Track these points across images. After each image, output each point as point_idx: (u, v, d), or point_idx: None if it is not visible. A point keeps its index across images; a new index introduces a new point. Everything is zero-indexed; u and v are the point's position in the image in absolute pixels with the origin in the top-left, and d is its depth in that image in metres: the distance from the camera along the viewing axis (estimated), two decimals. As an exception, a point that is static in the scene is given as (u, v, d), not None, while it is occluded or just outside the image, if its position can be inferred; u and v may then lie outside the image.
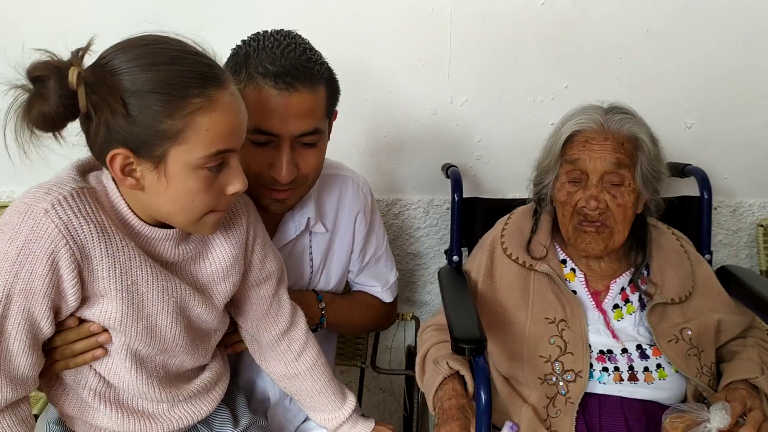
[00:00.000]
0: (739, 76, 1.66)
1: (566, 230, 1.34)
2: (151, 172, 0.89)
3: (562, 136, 1.32)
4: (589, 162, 1.29)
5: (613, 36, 1.64)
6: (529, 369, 1.28)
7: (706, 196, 1.55)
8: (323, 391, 1.21)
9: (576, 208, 1.30)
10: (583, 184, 1.30)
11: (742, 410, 1.16)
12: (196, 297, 1.03)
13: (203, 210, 0.94)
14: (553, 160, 1.34)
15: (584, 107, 1.37)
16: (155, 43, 0.88)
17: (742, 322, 1.36)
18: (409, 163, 1.75)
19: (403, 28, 1.62)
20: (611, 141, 1.29)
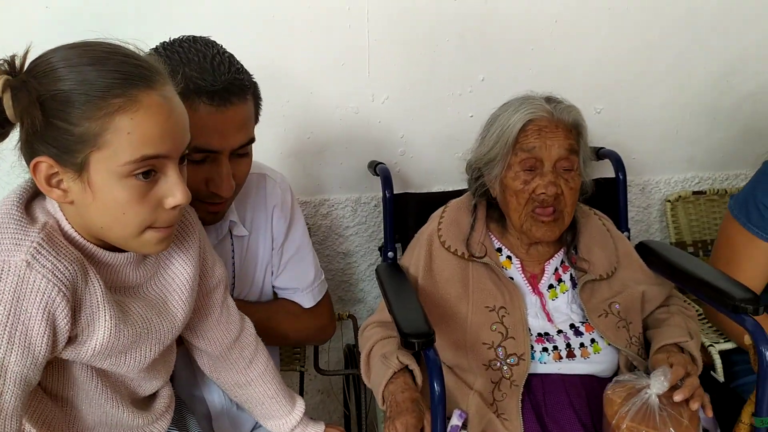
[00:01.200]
0: (638, 61, 1.76)
1: (518, 218, 1.35)
2: (76, 182, 0.83)
3: (514, 126, 1.32)
4: (544, 150, 1.31)
5: (524, 28, 1.70)
6: (474, 356, 1.32)
7: (621, 176, 1.63)
8: (275, 396, 1.19)
9: (532, 195, 1.32)
10: (538, 171, 1.32)
11: (684, 373, 1.22)
12: (161, 318, 0.99)
13: (139, 225, 0.87)
14: (503, 150, 1.34)
15: (524, 98, 1.39)
16: (84, 46, 0.83)
17: (663, 292, 1.45)
18: (334, 162, 1.75)
19: (321, 28, 1.61)
20: (561, 129, 1.34)
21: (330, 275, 1.85)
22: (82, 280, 0.85)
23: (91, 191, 0.83)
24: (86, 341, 0.89)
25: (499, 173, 1.36)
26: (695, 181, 1.91)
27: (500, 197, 1.39)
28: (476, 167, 1.42)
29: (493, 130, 1.38)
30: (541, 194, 1.32)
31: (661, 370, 1.20)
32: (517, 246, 1.43)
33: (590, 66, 1.76)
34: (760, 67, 1.78)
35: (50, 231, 0.84)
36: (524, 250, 1.43)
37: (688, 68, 1.78)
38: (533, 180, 1.33)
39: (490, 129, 1.39)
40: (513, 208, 1.36)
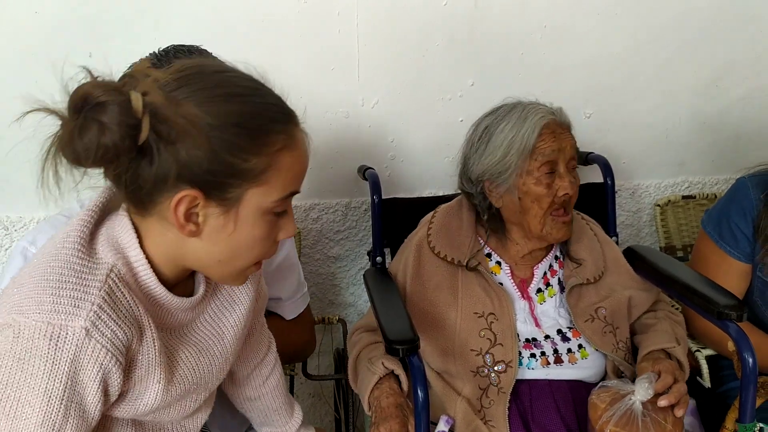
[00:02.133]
0: (627, 66, 1.77)
1: (539, 223, 1.34)
2: (218, 217, 0.78)
3: (531, 133, 1.31)
4: (560, 151, 1.32)
5: (514, 33, 1.70)
6: (462, 363, 1.32)
7: (609, 181, 1.63)
8: (279, 408, 1.18)
9: (556, 197, 1.32)
10: (555, 174, 1.33)
11: (672, 381, 1.22)
12: (212, 359, 0.94)
13: (255, 258, 0.84)
14: (519, 159, 1.32)
15: (518, 105, 1.38)
16: (224, 71, 0.80)
17: (650, 297, 1.45)
18: (324, 167, 1.75)
19: (311, 32, 1.61)
20: (566, 129, 1.36)
21: (320, 279, 1.86)
22: (138, 340, 0.80)
23: (233, 227, 0.79)
24: (136, 399, 0.85)
25: (515, 182, 1.33)
26: (685, 185, 1.91)
27: (514, 206, 1.35)
28: (479, 180, 1.38)
29: (499, 140, 1.34)
30: (564, 195, 1.32)
31: (647, 376, 1.21)
32: (514, 251, 1.43)
33: (579, 71, 1.76)
34: (748, 72, 1.79)
35: (113, 284, 0.78)
36: (521, 255, 1.42)
37: (676, 73, 1.79)
38: (554, 182, 1.33)
39: (492, 140, 1.36)
40: (533, 213, 1.34)
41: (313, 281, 1.85)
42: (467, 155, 1.42)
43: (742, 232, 1.41)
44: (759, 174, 1.43)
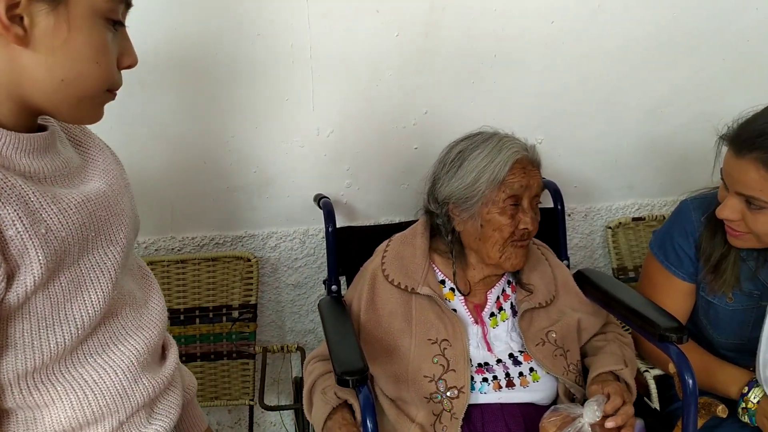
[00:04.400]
0: (576, 93, 1.82)
1: (498, 250, 1.38)
2: (47, 16, 0.70)
3: (504, 165, 1.34)
4: (526, 188, 1.36)
5: (465, 62, 1.74)
6: (415, 389, 1.33)
7: (560, 207, 1.68)
8: None
9: (517, 229, 1.36)
10: (519, 207, 1.37)
11: (621, 403, 1.25)
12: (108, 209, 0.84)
13: (106, 80, 0.77)
14: (488, 188, 1.35)
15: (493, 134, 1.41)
16: None
17: (599, 320, 1.49)
18: (280, 196, 1.77)
19: (264, 64, 1.64)
20: (536, 167, 1.40)
21: (280, 307, 1.86)
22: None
23: (67, 29, 0.71)
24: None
25: (478, 210, 1.37)
26: (635, 207, 1.96)
27: (474, 232, 1.39)
28: (445, 202, 1.42)
29: (471, 166, 1.37)
30: (523, 229, 1.36)
31: (595, 399, 1.24)
32: (471, 276, 1.45)
33: (530, 98, 1.81)
34: (691, 98, 1.85)
35: None
36: (476, 280, 1.45)
37: (623, 100, 1.84)
38: (517, 215, 1.37)
39: (464, 165, 1.39)
40: (493, 241, 1.37)
41: (273, 309, 1.86)
42: (438, 175, 1.44)
43: (685, 252, 1.45)
44: (700, 197, 1.48)
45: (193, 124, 1.64)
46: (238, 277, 1.73)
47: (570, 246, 1.95)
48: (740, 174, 1.26)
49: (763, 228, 1.27)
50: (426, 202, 1.47)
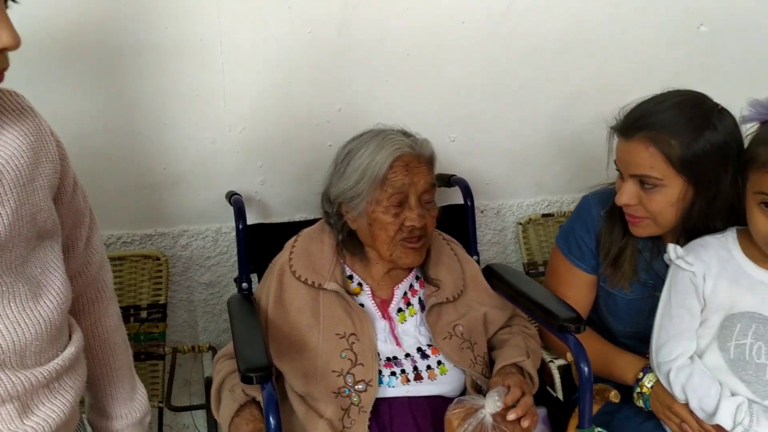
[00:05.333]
0: (487, 93, 1.86)
1: (387, 249, 1.39)
2: None
3: (383, 164, 1.35)
4: (411, 185, 1.37)
5: (378, 60, 1.75)
6: (323, 385, 1.34)
7: (470, 203, 1.71)
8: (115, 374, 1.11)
9: (402, 227, 1.37)
10: (405, 205, 1.37)
11: (520, 394, 1.29)
12: None
13: None
14: (371, 187, 1.36)
15: (382, 133, 1.42)
16: None
17: (505, 313, 1.53)
18: (192, 193, 1.74)
19: (172, 59, 1.60)
20: (423, 163, 1.40)
21: (192, 306, 1.83)
22: None
23: None
24: None
25: (365, 208, 1.38)
26: (545, 204, 2.02)
27: (366, 230, 1.40)
28: (336, 202, 1.43)
29: (355, 165, 1.38)
30: (410, 226, 1.37)
31: (496, 390, 1.27)
32: (375, 272, 1.47)
33: (443, 97, 1.83)
34: (598, 97, 1.91)
35: None
36: (380, 276, 1.47)
37: (532, 99, 1.89)
38: (402, 213, 1.37)
39: (350, 164, 1.40)
40: (381, 240, 1.39)
41: (185, 309, 1.82)
42: (331, 176, 1.45)
43: (587, 245, 1.51)
44: (600, 191, 1.54)
45: (97, 118, 1.59)
46: (146, 277, 1.69)
47: (483, 242, 2.00)
48: (631, 155, 1.33)
49: (658, 207, 1.34)
50: (321, 202, 1.48)
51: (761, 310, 1.24)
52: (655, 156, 1.31)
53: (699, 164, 1.29)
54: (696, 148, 1.28)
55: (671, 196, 1.33)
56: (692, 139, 1.28)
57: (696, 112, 1.31)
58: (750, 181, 1.22)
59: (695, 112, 1.31)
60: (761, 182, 1.18)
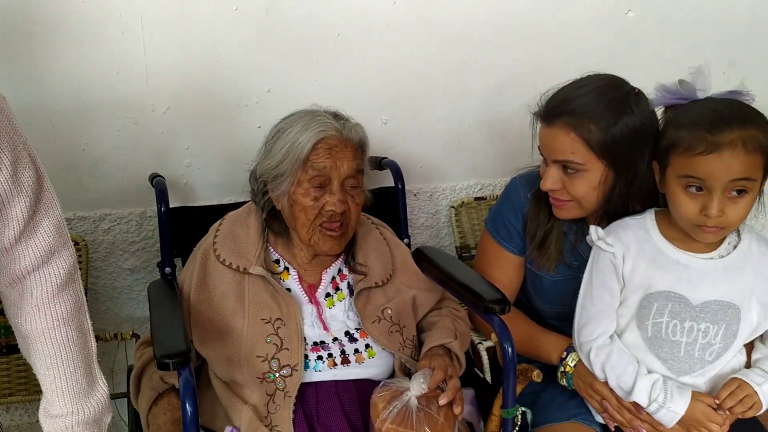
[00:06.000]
0: (419, 76, 1.85)
1: (306, 232, 1.36)
2: None
3: (305, 144, 1.32)
4: (334, 169, 1.34)
5: (308, 41, 1.72)
6: (248, 370, 1.31)
7: (400, 185, 1.70)
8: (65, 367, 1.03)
9: (321, 211, 1.34)
10: (327, 188, 1.34)
11: (444, 377, 1.29)
12: None
13: None
14: (293, 167, 1.33)
15: (311, 113, 1.39)
16: None
17: (434, 296, 1.53)
18: (114, 175, 1.67)
19: (90, 35, 1.53)
20: (350, 148, 1.37)
21: (116, 293, 1.77)
22: None
23: None
24: None
25: (287, 188, 1.35)
26: (478, 187, 2.03)
27: (287, 211, 1.38)
28: (262, 180, 1.41)
29: (281, 144, 1.36)
30: (330, 211, 1.34)
31: (421, 373, 1.27)
32: (300, 257, 1.44)
33: (374, 78, 1.81)
34: (528, 81, 1.91)
35: None
36: (306, 261, 1.44)
37: (464, 83, 1.89)
38: (323, 197, 1.34)
39: (277, 143, 1.38)
40: (301, 223, 1.36)
41: (108, 295, 1.76)
42: (260, 153, 1.43)
43: (514, 227, 1.52)
44: (527, 174, 1.55)
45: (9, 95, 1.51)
46: (65, 262, 1.62)
47: (416, 225, 2.00)
48: (553, 141, 1.35)
49: (581, 191, 1.36)
50: (249, 180, 1.45)
51: (677, 289, 1.27)
52: (576, 141, 1.32)
53: (617, 148, 1.31)
54: (614, 132, 1.30)
55: (593, 180, 1.35)
56: (610, 123, 1.30)
57: (613, 97, 1.33)
58: (673, 166, 1.24)
59: (613, 96, 1.33)
60: (687, 166, 1.20)
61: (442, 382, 1.29)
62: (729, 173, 1.17)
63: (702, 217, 1.20)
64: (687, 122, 1.23)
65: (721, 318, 1.27)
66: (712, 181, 1.18)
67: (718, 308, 1.27)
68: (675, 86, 1.28)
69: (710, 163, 1.17)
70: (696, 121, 1.21)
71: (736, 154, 1.16)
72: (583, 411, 1.40)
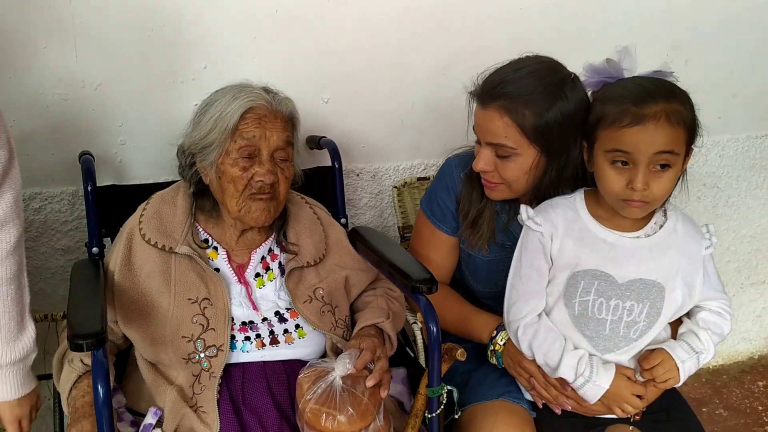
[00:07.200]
0: (362, 54, 1.82)
1: (235, 204, 1.34)
2: None
3: (234, 113, 1.31)
4: (263, 139, 1.32)
5: (245, 16, 1.69)
6: (173, 351, 1.29)
7: (337, 165, 1.68)
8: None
9: (250, 182, 1.32)
10: (256, 159, 1.33)
11: (371, 358, 1.28)
12: None
13: None
14: (222, 137, 1.32)
15: (241, 85, 1.38)
16: None
17: (368, 276, 1.52)
18: (44, 153, 1.63)
19: (14, 6, 1.48)
20: (280, 119, 1.35)
21: (48, 274, 1.73)
22: None
23: None
24: None
25: (216, 159, 1.34)
26: (421, 167, 2.02)
27: (215, 184, 1.37)
28: (190, 152, 1.38)
29: (209, 115, 1.35)
30: (259, 182, 1.33)
31: (348, 353, 1.27)
32: (229, 234, 1.42)
33: (315, 56, 1.79)
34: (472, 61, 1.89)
35: None
36: (234, 239, 1.42)
37: (408, 63, 1.87)
38: (252, 167, 1.33)
39: (206, 114, 1.36)
40: (230, 194, 1.34)
41: (40, 276, 1.72)
42: (188, 127, 1.41)
43: (447, 207, 1.52)
44: (462, 154, 1.55)
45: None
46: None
47: (359, 205, 1.99)
48: (487, 123, 1.34)
49: (512, 175, 1.36)
50: (176, 153, 1.42)
51: (603, 267, 1.28)
52: (509, 126, 1.32)
53: (550, 134, 1.31)
54: (548, 117, 1.30)
55: (525, 165, 1.35)
56: (544, 109, 1.30)
57: (549, 82, 1.32)
58: (600, 140, 1.25)
59: (549, 81, 1.32)
60: (613, 139, 1.21)
61: (370, 362, 1.28)
62: (653, 145, 1.18)
63: (628, 191, 1.21)
64: (613, 97, 1.24)
65: (646, 296, 1.29)
66: (637, 153, 1.19)
67: (642, 287, 1.29)
68: (603, 65, 1.28)
69: (635, 135, 1.18)
70: (622, 95, 1.22)
71: (660, 125, 1.17)
72: (512, 389, 1.41)
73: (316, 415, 1.19)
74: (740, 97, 2.33)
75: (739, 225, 2.55)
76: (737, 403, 2.47)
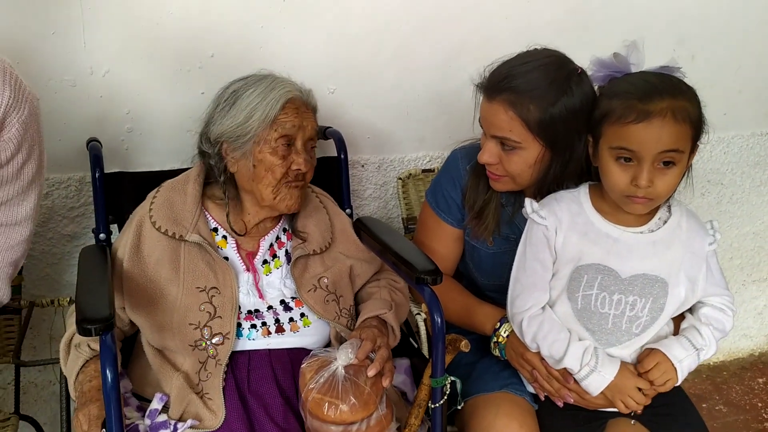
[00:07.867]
0: (367, 45, 1.83)
1: (270, 191, 1.37)
2: None
3: (276, 103, 1.34)
4: (300, 129, 1.36)
5: (253, 6, 1.69)
6: (180, 338, 1.30)
7: (343, 156, 1.69)
8: None
9: (290, 170, 1.36)
10: (292, 148, 1.36)
11: (372, 348, 1.30)
12: None
13: None
14: (260, 126, 1.34)
15: (270, 76, 1.41)
16: None
17: (372, 266, 1.53)
18: (51, 139, 1.61)
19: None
20: (310, 110, 1.40)
21: (55, 259, 1.74)
22: None
23: None
24: None
25: (252, 148, 1.35)
26: (426, 159, 2.03)
27: (248, 172, 1.37)
28: (218, 141, 1.39)
29: (243, 104, 1.36)
30: (296, 170, 1.37)
31: (350, 343, 1.28)
32: (247, 221, 1.44)
33: (321, 46, 1.79)
34: (478, 53, 1.89)
35: None
36: (250, 227, 1.44)
37: (412, 54, 1.87)
38: (290, 156, 1.36)
39: (237, 102, 1.37)
40: (266, 182, 1.36)
41: (47, 262, 1.73)
42: (211, 115, 1.42)
43: (453, 199, 1.53)
44: (468, 146, 1.56)
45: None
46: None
47: (364, 196, 2.00)
48: (493, 117, 1.35)
49: (516, 168, 1.37)
50: (199, 142, 1.44)
51: (606, 262, 1.29)
52: (514, 120, 1.32)
53: (555, 129, 1.32)
54: (553, 112, 1.31)
55: (529, 159, 1.36)
56: (549, 104, 1.30)
57: (556, 76, 1.32)
58: (605, 136, 1.25)
59: (555, 76, 1.32)
60: (618, 135, 1.21)
61: (372, 352, 1.29)
62: (658, 143, 1.18)
63: (632, 187, 1.22)
64: (619, 92, 1.24)
65: (649, 291, 1.29)
66: (642, 151, 1.19)
67: (645, 282, 1.29)
68: (610, 59, 1.28)
69: (640, 133, 1.18)
70: (628, 90, 1.22)
71: (666, 122, 1.17)
72: (515, 381, 1.42)
73: (319, 404, 1.20)
74: (746, 94, 2.33)
75: (742, 222, 2.56)
76: (737, 400, 2.49)
